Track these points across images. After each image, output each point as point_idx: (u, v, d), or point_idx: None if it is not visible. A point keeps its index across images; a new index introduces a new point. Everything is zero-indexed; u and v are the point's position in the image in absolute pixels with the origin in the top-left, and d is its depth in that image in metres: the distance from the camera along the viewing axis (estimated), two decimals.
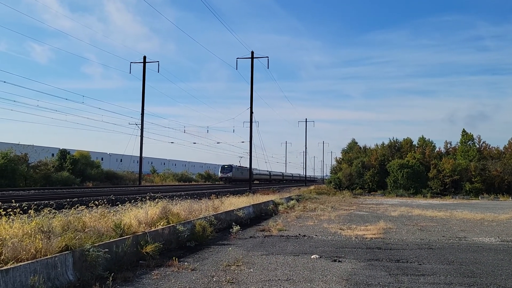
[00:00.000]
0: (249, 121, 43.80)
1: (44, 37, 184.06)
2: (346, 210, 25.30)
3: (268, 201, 24.96)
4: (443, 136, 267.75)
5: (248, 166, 47.05)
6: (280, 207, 24.39)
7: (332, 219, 19.23)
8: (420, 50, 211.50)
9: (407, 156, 57.66)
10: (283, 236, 13.83)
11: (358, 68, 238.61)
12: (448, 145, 61.38)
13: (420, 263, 9.59)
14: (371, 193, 54.43)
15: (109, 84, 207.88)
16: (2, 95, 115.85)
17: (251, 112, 43.63)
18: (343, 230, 15.37)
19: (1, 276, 5.74)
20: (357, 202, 34.21)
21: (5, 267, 5.91)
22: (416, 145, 61.81)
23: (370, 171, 58.53)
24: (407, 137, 62.43)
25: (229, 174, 76.54)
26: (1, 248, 6.50)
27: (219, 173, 78.88)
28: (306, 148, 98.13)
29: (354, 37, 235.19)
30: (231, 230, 13.83)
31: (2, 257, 6.31)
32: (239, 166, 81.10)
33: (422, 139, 62.37)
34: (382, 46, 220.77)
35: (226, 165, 77.70)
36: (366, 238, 13.52)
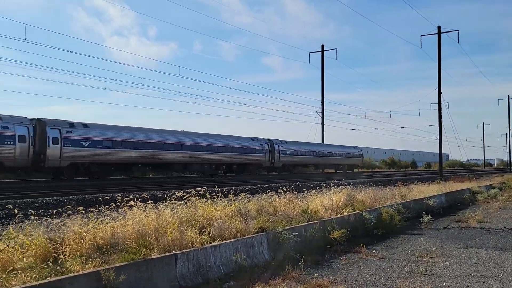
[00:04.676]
0: (437, 102, 40.13)
1: (229, 36, 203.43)
2: None
3: (464, 189, 22.54)
4: None
5: None
6: (479, 196, 21.74)
7: None
8: None
9: None
10: (484, 228, 12.33)
11: None
12: None
13: None
14: None
15: (290, 75, 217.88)
16: (203, 93, 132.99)
17: (439, 93, 39.86)
18: None
19: (211, 250, 6.65)
20: None
21: (214, 244, 6.82)
22: None
23: None
24: None
25: None
26: (210, 227, 7.51)
27: None
28: (509, 129, 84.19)
29: None
30: (421, 219, 12.99)
31: (210, 234, 7.27)
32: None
33: None
34: None
35: None
36: None
